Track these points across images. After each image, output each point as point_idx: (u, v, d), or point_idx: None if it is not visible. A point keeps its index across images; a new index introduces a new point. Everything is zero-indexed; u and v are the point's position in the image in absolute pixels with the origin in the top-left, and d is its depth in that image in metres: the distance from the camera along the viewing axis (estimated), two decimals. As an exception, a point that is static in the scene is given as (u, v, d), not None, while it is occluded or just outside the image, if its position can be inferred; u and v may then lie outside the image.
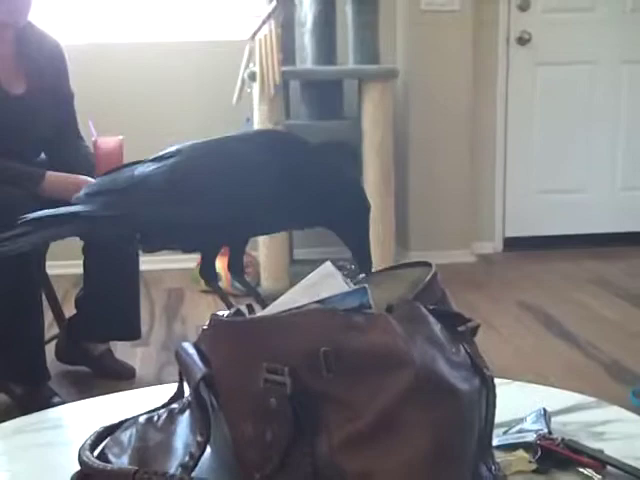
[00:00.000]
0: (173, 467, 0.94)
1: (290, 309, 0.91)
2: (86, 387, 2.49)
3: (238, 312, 1.01)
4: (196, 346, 0.99)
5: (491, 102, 4.25)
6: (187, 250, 1.30)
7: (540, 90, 4.29)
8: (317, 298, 0.91)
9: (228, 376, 0.90)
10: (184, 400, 1.07)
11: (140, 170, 1.24)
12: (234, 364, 0.89)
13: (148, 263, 2.70)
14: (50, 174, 2.26)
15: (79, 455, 1.00)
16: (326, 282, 0.95)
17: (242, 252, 1.30)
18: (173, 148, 1.26)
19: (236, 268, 1.29)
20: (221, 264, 1.30)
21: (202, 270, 1.25)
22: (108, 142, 2.38)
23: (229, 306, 1.13)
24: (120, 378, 2.55)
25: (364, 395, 0.82)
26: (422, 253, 3.85)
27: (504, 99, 4.28)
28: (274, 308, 0.94)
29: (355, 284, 0.99)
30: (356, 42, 3.71)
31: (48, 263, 2.50)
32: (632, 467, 0.94)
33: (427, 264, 1.07)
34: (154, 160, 1.26)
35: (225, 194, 1.17)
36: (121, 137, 2.40)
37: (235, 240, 1.27)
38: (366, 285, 0.93)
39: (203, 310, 3.24)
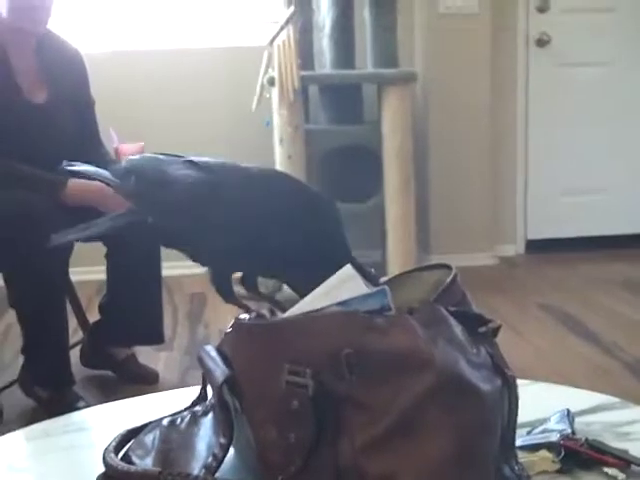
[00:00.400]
0: (196, 469, 0.94)
1: (311, 311, 0.91)
2: (110, 391, 2.51)
3: (260, 315, 1.02)
4: (219, 349, 1.00)
5: (511, 104, 4.24)
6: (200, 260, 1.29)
7: (561, 91, 4.28)
8: (337, 300, 0.91)
9: (250, 378, 0.90)
10: (207, 403, 1.08)
11: (174, 169, 1.23)
12: (256, 366, 0.90)
13: (170, 268, 2.71)
14: (72, 181, 2.28)
15: (104, 457, 1.01)
16: (346, 285, 0.95)
17: (227, 274, 1.29)
18: (205, 158, 1.26)
19: (249, 283, 1.28)
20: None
21: (218, 287, 1.25)
22: (130, 148, 2.40)
23: (248, 310, 1.14)
24: (144, 382, 2.57)
25: (386, 397, 0.82)
26: (443, 256, 3.84)
27: (524, 101, 4.26)
28: (295, 311, 0.95)
29: (374, 287, 1.00)
30: (374, 46, 3.71)
31: (71, 269, 2.52)
32: (656, 467, 0.93)
33: (447, 266, 1.07)
34: (186, 162, 1.25)
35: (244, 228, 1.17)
36: (142, 143, 2.42)
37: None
38: (386, 287, 0.93)
39: (226, 314, 3.25)
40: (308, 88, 3.77)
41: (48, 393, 2.35)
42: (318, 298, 0.94)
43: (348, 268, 0.97)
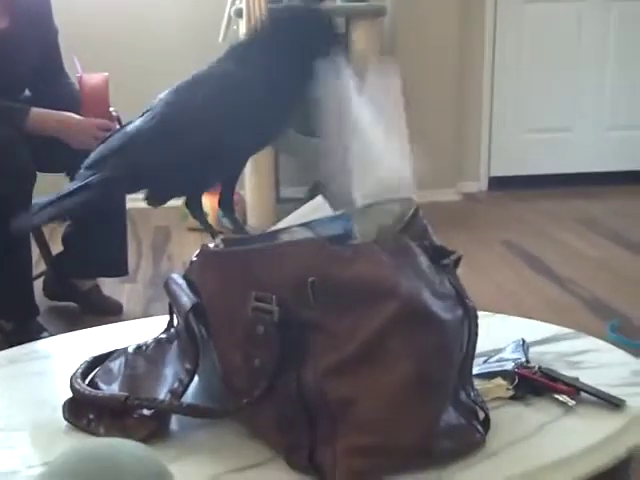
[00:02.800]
0: (162, 393, 0.96)
1: (277, 232, 0.92)
2: (74, 322, 2.52)
3: (226, 242, 1.03)
4: (185, 277, 1.01)
5: (479, 40, 4.22)
6: (192, 190, 1.30)
7: (528, 28, 4.26)
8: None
9: (217, 305, 0.92)
10: (172, 330, 1.10)
11: (131, 125, 1.24)
12: (223, 293, 0.92)
13: (135, 201, 2.69)
14: (35, 110, 2.25)
15: (71, 383, 1.02)
16: (316, 214, 0.97)
17: (233, 188, 1.32)
18: (158, 98, 1.27)
19: (227, 205, 1.30)
20: (209, 202, 1.32)
21: (188, 200, 1.27)
22: (93, 78, 2.36)
23: (214, 236, 1.15)
24: (108, 313, 2.57)
25: (350, 324, 0.85)
26: (408, 192, 3.87)
27: (492, 37, 4.25)
28: (264, 237, 0.96)
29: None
30: (343, -22, 3.66)
31: (34, 200, 2.50)
32: (605, 393, 0.97)
33: (409, 200, 1.09)
34: (142, 114, 1.27)
35: (219, 116, 1.18)
36: (106, 73, 2.38)
37: (236, 164, 1.29)
38: (350, 212, 0.95)
39: (190, 248, 3.26)
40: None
41: (11, 324, 2.35)
42: (288, 223, 0.96)
43: (319, 198, 0.98)
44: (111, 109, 2.41)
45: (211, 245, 1.01)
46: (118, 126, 2.27)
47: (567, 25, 4.29)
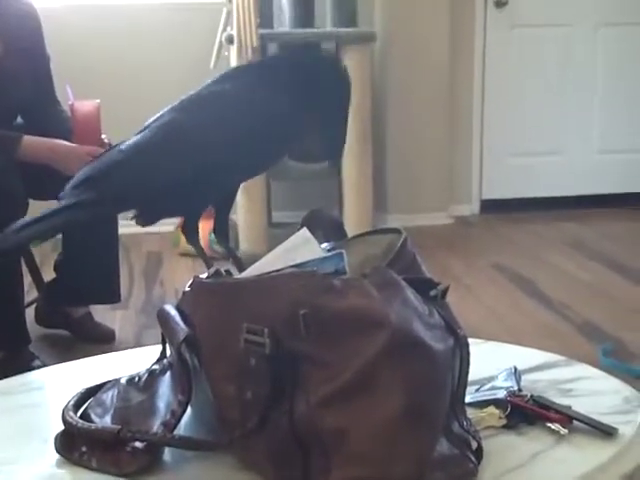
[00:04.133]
0: (155, 425, 0.96)
1: (269, 272, 0.93)
2: (66, 350, 2.51)
3: (218, 273, 1.03)
4: (178, 308, 1.01)
5: (468, 65, 4.26)
6: (182, 212, 1.30)
7: (517, 53, 4.31)
8: (293, 263, 0.93)
9: (209, 336, 0.92)
10: (164, 362, 1.09)
11: (124, 145, 1.25)
12: (215, 325, 0.92)
13: (126, 227, 2.70)
14: (27, 138, 2.25)
15: (63, 415, 1.02)
16: (302, 248, 0.97)
17: (227, 215, 1.32)
18: (152, 118, 1.27)
19: (222, 232, 1.30)
20: (200, 228, 1.32)
21: (185, 227, 1.27)
22: (85, 105, 2.36)
23: (208, 265, 1.15)
24: (100, 341, 2.57)
25: (341, 355, 0.85)
26: (400, 216, 3.88)
27: (481, 62, 4.28)
28: (252, 271, 0.97)
29: (329, 250, 1.02)
30: (334, 5, 3.69)
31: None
32: (597, 421, 0.98)
33: (398, 230, 1.10)
34: (136, 134, 1.27)
35: (215, 140, 1.18)
36: (98, 101, 2.39)
37: (228, 189, 1.28)
38: (342, 251, 0.95)
39: (182, 273, 3.26)
40: (267, 46, 3.75)
41: (3, 353, 2.34)
42: (274, 260, 0.96)
43: (304, 231, 0.99)
44: (103, 136, 2.42)
45: (203, 275, 1.02)
46: None
47: (555, 50, 4.33)
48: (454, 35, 4.11)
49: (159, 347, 1.10)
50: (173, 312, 1.00)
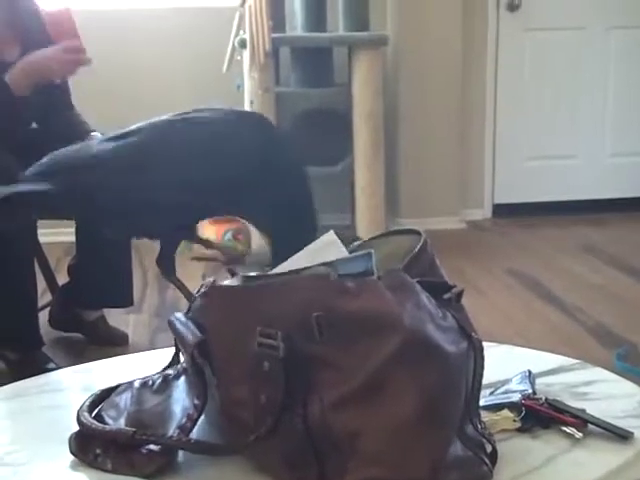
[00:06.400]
0: (170, 429, 0.97)
1: (290, 271, 0.93)
2: (80, 353, 2.52)
3: (232, 274, 1.03)
4: (189, 313, 1.01)
5: (481, 69, 4.25)
6: (142, 234, 1.29)
7: (529, 56, 4.30)
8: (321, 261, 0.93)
9: (223, 341, 0.92)
10: (178, 366, 1.10)
11: (99, 148, 1.24)
12: (228, 329, 0.92)
13: (140, 231, 2.70)
14: (9, 74, 2.19)
15: (78, 417, 1.03)
16: (328, 249, 0.97)
17: (172, 251, 1.29)
18: (134, 127, 1.27)
19: (167, 265, 1.27)
20: (213, 231, 1.32)
21: (159, 261, 1.25)
22: (56, 10, 2.25)
23: (189, 297, 1.14)
24: (113, 344, 2.58)
25: (355, 358, 0.85)
26: (412, 220, 3.88)
27: (494, 65, 4.28)
28: (278, 271, 0.97)
29: (350, 251, 1.02)
30: (346, 9, 3.69)
31: (40, 231, 2.52)
32: (612, 425, 0.97)
33: (417, 232, 1.10)
34: (115, 138, 1.26)
35: (179, 175, 1.17)
36: (68, 7, 2.29)
37: (182, 227, 1.27)
38: (372, 251, 0.95)
39: (194, 277, 3.26)
40: (279, 50, 3.76)
41: (17, 355, 2.35)
42: (300, 261, 0.96)
43: (331, 234, 0.99)
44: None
45: (211, 279, 1.01)
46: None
47: (568, 53, 4.32)
48: (466, 39, 4.10)
49: (172, 349, 1.10)
50: (184, 318, 1.01)
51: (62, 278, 2.70)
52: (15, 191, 1.24)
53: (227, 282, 1.00)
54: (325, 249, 0.98)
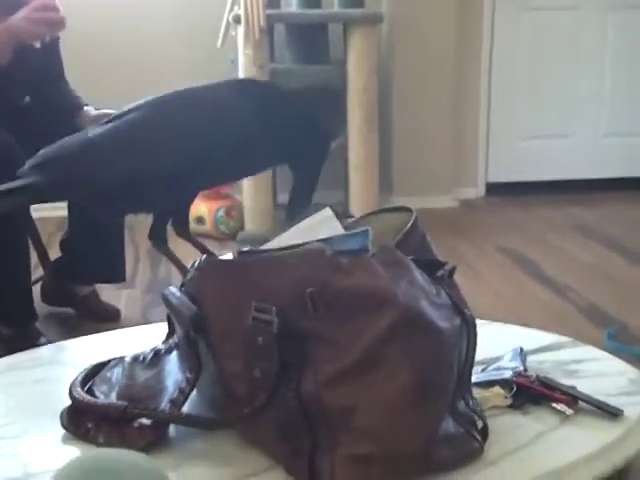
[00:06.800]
0: (162, 403, 0.97)
1: (280, 249, 0.93)
2: (72, 328, 2.51)
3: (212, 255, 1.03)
4: (184, 288, 1.01)
5: (476, 48, 4.23)
6: (144, 209, 1.27)
7: (525, 35, 4.28)
8: (314, 239, 0.93)
9: (218, 315, 0.92)
10: (170, 341, 1.10)
11: (95, 132, 1.22)
12: (224, 303, 0.92)
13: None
14: None
15: (70, 391, 1.03)
16: (324, 225, 0.97)
17: (166, 222, 1.28)
18: (130, 106, 1.25)
19: (159, 236, 1.26)
20: (205, 208, 1.31)
21: (152, 233, 1.24)
22: None
23: (182, 269, 1.14)
24: (106, 319, 2.57)
25: (349, 333, 0.85)
26: (405, 198, 3.87)
27: (489, 44, 4.26)
28: (270, 246, 0.97)
29: (344, 228, 1.02)
30: (341, -15, 3.67)
31: (32, 206, 2.50)
32: (602, 402, 0.98)
33: (409, 209, 1.10)
34: (110, 120, 1.24)
35: (183, 144, 1.16)
36: None
37: (186, 197, 1.25)
38: (368, 228, 0.95)
39: (187, 253, 3.23)
40: (274, 27, 3.72)
41: (9, 330, 2.34)
42: (295, 235, 0.96)
43: (327, 210, 0.99)
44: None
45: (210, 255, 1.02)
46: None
47: (564, 33, 4.30)
48: (462, 17, 4.08)
49: (164, 325, 1.10)
50: (178, 293, 1.00)
51: (54, 253, 2.69)
52: (12, 187, 1.23)
53: (222, 257, 1.00)
54: (321, 225, 0.98)
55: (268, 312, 0.86)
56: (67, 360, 1.27)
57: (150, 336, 1.24)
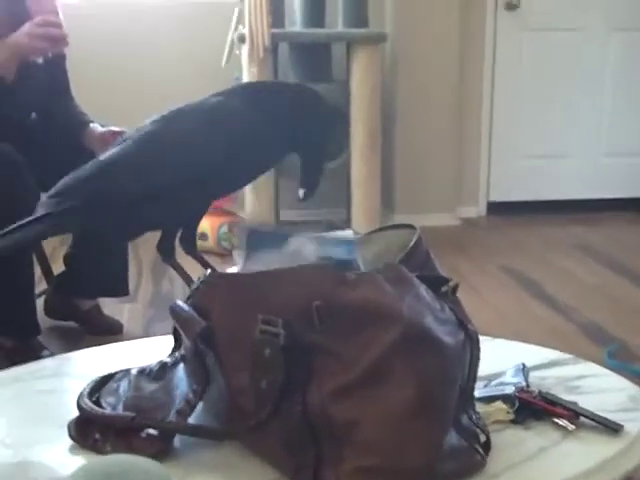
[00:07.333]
0: (169, 414, 0.98)
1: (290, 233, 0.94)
2: (75, 341, 2.53)
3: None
4: (190, 301, 1.03)
5: (478, 67, 4.27)
6: (158, 227, 1.27)
7: (527, 56, 4.31)
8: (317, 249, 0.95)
9: (225, 328, 0.94)
10: (176, 354, 1.11)
11: (106, 154, 1.22)
12: (231, 316, 0.93)
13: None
14: None
15: (78, 402, 1.04)
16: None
17: (175, 236, 1.28)
18: (142, 125, 1.26)
19: (168, 250, 1.27)
20: (208, 224, 1.32)
21: (160, 246, 1.24)
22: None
23: (189, 283, 1.15)
24: (108, 333, 2.58)
25: (354, 347, 0.87)
26: (407, 216, 3.89)
27: (491, 64, 4.29)
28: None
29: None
30: (345, 5, 3.70)
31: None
32: (604, 418, 0.99)
33: (411, 227, 1.12)
34: (120, 142, 1.25)
35: (194, 156, 1.16)
36: None
37: (202, 205, 1.26)
38: (355, 241, 0.97)
39: (189, 269, 3.26)
40: (278, 46, 3.77)
41: (13, 342, 2.36)
42: (305, 243, 0.98)
43: (348, 232, 1.01)
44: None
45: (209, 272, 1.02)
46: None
47: (566, 53, 4.34)
48: (464, 37, 4.12)
49: (167, 338, 1.11)
50: (186, 306, 1.02)
51: (58, 267, 2.71)
52: (32, 219, 1.22)
53: (229, 270, 1.01)
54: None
55: (275, 325, 0.88)
56: (71, 372, 1.28)
57: (153, 349, 1.26)
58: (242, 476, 0.91)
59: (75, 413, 1.03)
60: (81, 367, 1.29)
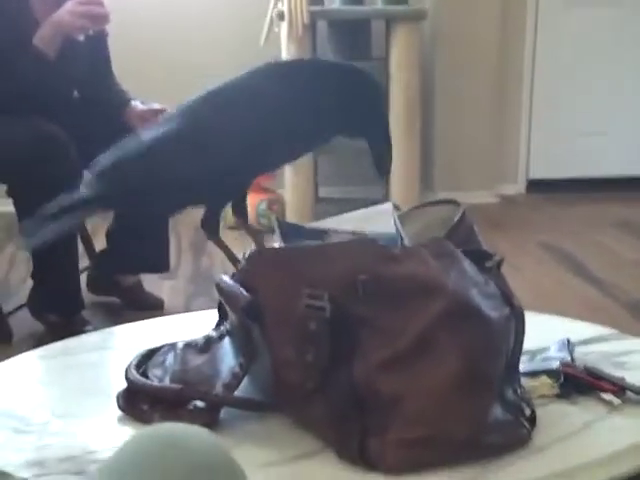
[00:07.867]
0: (216, 387, 0.99)
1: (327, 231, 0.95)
2: (117, 317, 2.56)
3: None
4: (235, 277, 1.04)
5: (519, 43, 4.22)
6: (207, 202, 1.28)
7: (569, 31, 4.25)
8: (358, 229, 0.96)
9: (271, 302, 0.95)
10: (222, 328, 1.12)
11: (150, 133, 1.22)
12: (277, 290, 0.94)
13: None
14: (34, 44, 2.19)
15: (126, 374, 1.06)
16: (379, 218, 1.00)
17: (220, 213, 1.27)
18: (175, 109, 1.25)
19: (212, 227, 1.26)
20: (248, 201, 1.31)
21: (205, 224, 1.24)
22: None
23: (234, 261, 1.15)
24: (149, 309, 2.62)
25: (400, 320, 0.87)
26: (446, 193, 3.87)
27: (532, 41, 4.24)
28: (324, 225, 0.99)
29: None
30: (384, -20, 3.68)
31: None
32: (652, 393, 0.98)
33: (455, 202, 1.12)
34: (162, 123, 1.25)
35: (238, 134, 1.16)
36: None
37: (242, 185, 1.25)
38: (401, 219, 0.97)
39: (229, 245, 3.29)
40: (317, 23, 3.75)
41: (57, 317, 2.40)
42: (349, 221, 0.98)
43: (388, 204, 1.01)
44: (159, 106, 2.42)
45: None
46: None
47: (607, 30, 4.27)
48: (505, 14, 4.07)
49: (208, 313, 1.12)
50: (231, 281, 1.03)
51: (100, 243, 2.75)
52: (77, 200, 1.23)
53: (273, 245, 1.02)
54: (376, 216, 1.00)
55: (320, 298, 0.89)
56: (116, 345, 1.30)
57: (195, 324, 1.27)
58: (287, 447, 0.93)
59: (122, 385, 1.05)
60: (125, 341, 1.31)
